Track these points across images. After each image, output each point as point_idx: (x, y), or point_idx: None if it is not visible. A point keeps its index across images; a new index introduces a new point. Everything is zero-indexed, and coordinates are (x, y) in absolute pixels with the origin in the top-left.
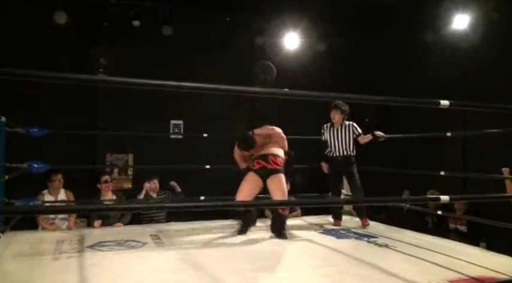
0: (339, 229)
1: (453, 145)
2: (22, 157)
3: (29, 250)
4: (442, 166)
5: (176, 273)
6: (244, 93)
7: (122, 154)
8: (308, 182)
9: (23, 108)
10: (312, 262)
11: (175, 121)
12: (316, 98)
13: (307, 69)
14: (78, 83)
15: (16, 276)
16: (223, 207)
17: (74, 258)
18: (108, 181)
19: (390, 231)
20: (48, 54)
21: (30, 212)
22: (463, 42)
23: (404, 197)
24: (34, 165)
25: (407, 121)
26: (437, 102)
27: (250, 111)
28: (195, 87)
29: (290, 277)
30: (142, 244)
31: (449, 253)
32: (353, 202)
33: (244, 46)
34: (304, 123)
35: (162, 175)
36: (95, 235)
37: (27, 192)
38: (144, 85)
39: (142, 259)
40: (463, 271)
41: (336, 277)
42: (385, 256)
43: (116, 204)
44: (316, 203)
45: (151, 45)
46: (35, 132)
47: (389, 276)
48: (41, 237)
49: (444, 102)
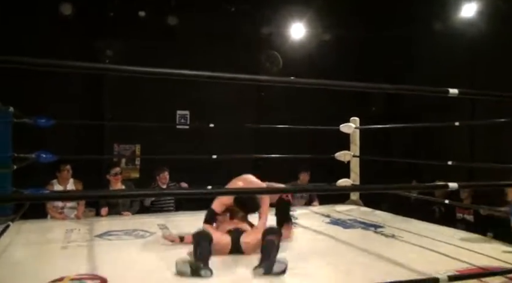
0: (346, 219)
1: (461, 134)
2: (30, 148)
3: (38, 239)
4: (449, 156)
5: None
6: (251, 81)
7: (129, 144)
8: (314, 172)
9: (30, 98)
10: (319, 253)
11: (181, 111)
12: (321, 86)
13: (313, 59)
14: (87, 72)
15: (26, 263)
16: (229, 195)
17: (83, 247)
18: (117, 173)
19: (397, 220)
20: (53, 45)
21: (39, 199)
22: (471, 30)
23: (413, 184)
24: (42, 155)
25: (415, 110)
26: (446, 91)
27: (256, 100)
28: (204, 76)
29: (296, 267)
30: (150, 234)
31: (456, 243)
32: (360, 190)
33: (250, 36)
34: (310, 112)
35: (168, 165)
36: (103, 224)
37: (35, 182)
38: (155, 74)
39: (150, 249)
40: (471, 260)
41: (343, 267)
42: (392, 246)
43: (125, 190)
44: (323, 190)
45: (157, 35)
46: (42, 123)
47: (396, 266)
48: (50, 226)
49: (453, 91)
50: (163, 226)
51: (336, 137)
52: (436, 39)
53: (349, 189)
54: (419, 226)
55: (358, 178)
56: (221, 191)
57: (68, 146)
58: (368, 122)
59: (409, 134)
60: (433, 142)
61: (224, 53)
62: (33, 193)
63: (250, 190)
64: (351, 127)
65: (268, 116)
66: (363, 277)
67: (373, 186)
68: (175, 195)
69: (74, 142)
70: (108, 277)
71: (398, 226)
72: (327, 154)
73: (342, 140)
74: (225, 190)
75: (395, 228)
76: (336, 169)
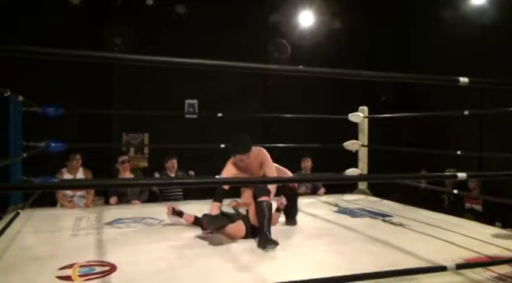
0: (354, 207)
1: (470, 124)
2: (39, 137)
3: (48, 227)
4: (458, 145)
5: (193, 249)
6: (259, 70)
7: (138, 133)
8: (322, 161)
9: (39, 87)
10: (326, 240)
11: (190, 100)
12: (330, 75)
13: (322, 47)
14: (97, 61)
15: (36, 250)
16: (237, 184)
17: (93, 235)
18: (125, 162)
19: (406, 209)
20: (62, 34)
21: (50, 187)
22: (482, 17)
23: (422, 174)
24: (51, 144)
25: (424, 99)
26: (456, 80)
27: (264, 89)
28: (212, 64)
29: (303, 254)
30: (158, 221)
31: (464, 232)
32: (368, 179)
33: (259, 24)
34: (318, 101)
35: (177, 153)
36: (112, 212)
37: (45, 171)
38: (164, 63)
39: (159, 236)
40: (478, 250)
41: (350, 255)
42: (400, 235)
43: (133, 179)
44: (331, 180)
45: (165, 24)
46: (51, 112)
47: (403, 254)
48: (59, 214)
49: (463, 80)
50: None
51: (344, 126)
52: (447, 27)
53: (357, 178)
54: (428, 216)
55: (366, 167)
56: (228, 180)
57: (76, 135)
58: (377, 111)
59: (418, 123)
60: (442, 132)
61: (232, 41)
62: (43, 182)
63: (257, 180)
64: (359, 116)
65: (276, 105)
66: (370, 265)
67: (381, 176)
68: (183, 185)
69: (83, 132)
70: (117, 264)
71: (407, 215)
72: (335, 144)
73: (351, 129)
74: (231, 179)
75: (404, 217)
76: (344, 158)
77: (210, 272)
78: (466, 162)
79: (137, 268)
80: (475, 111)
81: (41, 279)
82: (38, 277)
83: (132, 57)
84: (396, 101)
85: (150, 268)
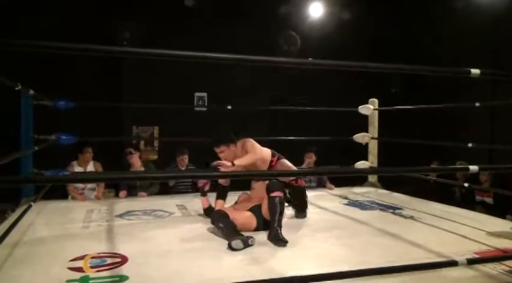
0: (364, 200)
1: (482, 116)
2: (50, 130)
3: (60, 219)
4: (470, 137)
5: (204, 241)
6: (268, 63)
7: (148, 126)
8: (333, 154)
9: (49, 81)
10: (335, 233)
11: (199, 93)
12: (340, 67)
13: (332, 39)
14: (107, 55)
15: (48, 242)
16: (246, 177)
17: (104, 227)
18: (129, 152)
19: (416, 202)
20: (71, 27)
21: (61, 181)
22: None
23: (432, 166)
24: (62, 137)
25: (434, 90)
26: (468, 71)
27: (273, 82)
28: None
29: (313, 247)
30: (169, 214)
31: (475, 225)
32: (378, 172)
33: (268, 16)
34: (327, 94)
35: (186, 146)
36: (123, 205)
37: (56, 164)
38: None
39: (169, 228)
40: (489, 243)
41: (359, 247)
42: (410, 228)
43: (143, 172)
44: (341, 173)
45: (174, 16)
46: (62, 105)
47: (414, 247)
48: (70, 207)
49: (475, 71)
50: (182, 207)
51: (352, 119)
52: (458, 17)
53: (367, 171)
54: (439, 208)
55: (376, 160)
56: (236, 174)
57: (87, 128)
58: (386, 103)
59: (428, 115)
60: (453, 124)
61: (241, 33)
62: (55, 175)
63: (264, 173)
64: (369, 108)
65: (285, 97)
66: (380, 258)
67: (391, 169)
68: (193, 177)
69: (93, 125)
70: (128, 256)
71: (417, 208)
72: (344, 136)
73: (358, 122)
74: (240, 173)
75: (414, 210)
76: (354, 151)
77: (220, 264)
78: (477, 154)
79: (148, 260)
80: (487, 103)
81: (53, 271)
82: (50, 269)
83: (140, 51)
84: (406, 93)
85: (161, 260)
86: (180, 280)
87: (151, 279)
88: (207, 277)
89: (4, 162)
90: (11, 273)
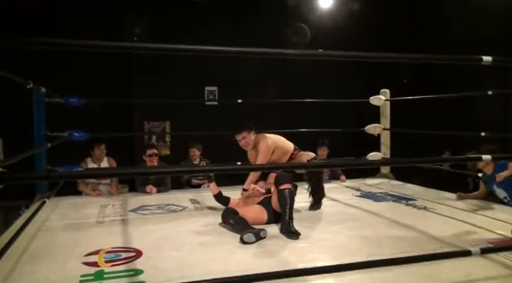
0: (377, 192)
1: (494, 104)
2: (62, 127)
3: (74, 214)
4: (482, 126)
5: (216, 236)
6: (278, 55)
7: (159, 121)
8: (345, 145)
9: (61, 78)
10: (349, 225)
11: (210, 87)
12: (351, 58)
13: (342, 29)
14: (117, 51)
15: (63, 237)
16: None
17: (118, 221)
18: (153, 155)
19: (429, 193)
20: (80, 24)
21: (78, 177)
22: None
23: (445, 156)
24: (74, 133)
25: (446, 79)
26: (480, 59)
27: (283, 74)
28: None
29: (327, 239)
30: (182, 208)
31: (488, 214)
32: (391, 164)
33: (277, 8)
34: (338, 85)
35: (198, 141)
36: (136, 199)
37: (68, 160)
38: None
39: (183, 222)
40: (503, 232)
41: (373, 239)
42: (424, 219)
43: (155, 167)
44: (353, 165)
45: (183, 10)
46: (73, 102)
47: (427, 238)
48: (84, 202)
49: (487, 59)
50: (195, 201)
51: (362, 110)
52: (470, 4)
53: (379, 163)
54: (452, 199)
55: (388, 151)
56: (250, 167)
57: (98, 125)
58: (397, 93)
59: (440, 105)
60: (466, 113)
61: (250, 26)
62: (70, 171)
63: (278, 165)
64: (381, 99)
65: (295, 89)
66: (393, 249)
67: (404, 160)
68: (205, 172)
69: (105, 121)
70: (142, 250)
71: (430, 198)
72: (356, 128)
73: (369, 113)
74: (253, 166)
75: (427, 201)
76: (366, 142)
77: (233, 257)
78: (490, 144)
79: (162, 254)
80: (499, 91)
81: (68, 265)
82: (65, 264)
83: (150, 46)
84: (417, 83)
85: (175, 254)
86: (193, 273)
87: (166, 272)
88: (220, 270)
89: (18, 159)
90: (27, 268)
